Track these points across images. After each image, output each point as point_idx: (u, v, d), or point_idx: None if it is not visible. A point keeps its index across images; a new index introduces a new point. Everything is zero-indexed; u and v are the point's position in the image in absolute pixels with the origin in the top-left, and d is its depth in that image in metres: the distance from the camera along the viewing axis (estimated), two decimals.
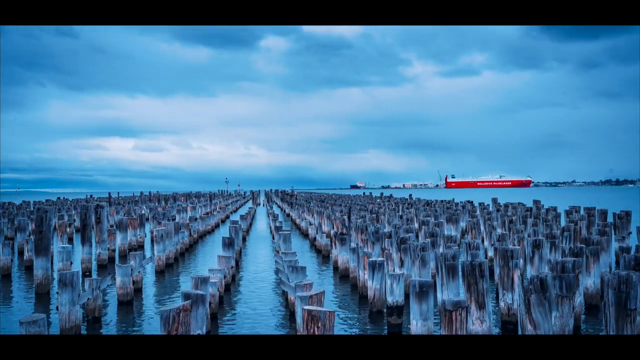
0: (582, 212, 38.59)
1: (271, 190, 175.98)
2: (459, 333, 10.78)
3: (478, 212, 45.14)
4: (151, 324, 16.99)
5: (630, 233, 28.69)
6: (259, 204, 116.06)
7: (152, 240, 35.33)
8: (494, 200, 55.91)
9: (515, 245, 21.48)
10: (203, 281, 14.59)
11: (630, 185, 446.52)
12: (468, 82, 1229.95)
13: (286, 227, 44.85)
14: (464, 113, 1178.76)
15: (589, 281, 17.86)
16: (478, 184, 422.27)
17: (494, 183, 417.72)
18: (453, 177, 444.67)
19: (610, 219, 34.07)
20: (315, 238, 36.56)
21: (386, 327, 16.11)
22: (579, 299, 15.78)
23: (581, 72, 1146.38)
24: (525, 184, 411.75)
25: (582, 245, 18.00)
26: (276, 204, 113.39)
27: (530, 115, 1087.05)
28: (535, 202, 49.12)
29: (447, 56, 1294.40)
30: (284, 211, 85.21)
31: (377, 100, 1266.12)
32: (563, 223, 34.21)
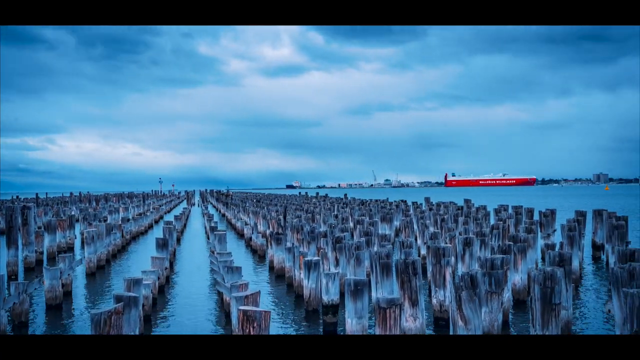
0: (510, 210, 39.89)
1: (206, 190, 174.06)
2: (393, 330, 10.97)
3: (411, 211, 45.98)
4: (82, 328, 16.54)
5: (555, 230, 29.84)
6: (194, 204, 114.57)
7: (82, 242, 34.36)
8: (427, 200, 57.08)
9: (447, 244, 22.00)
10: (135, 283, 14.30)
11: (555, 185, 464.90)
12: (302, 82, 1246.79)
13: (221, 227, 44.45)
14: (323, 114, 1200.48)
15: (517, 277, 18.49)
16: (480, 182, 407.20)
17: (497, 181, 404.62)
18: (453, 175, 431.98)
19: (536, 217, 35.33)
20: (251, 238, 36.41)
21: (322, 326, 16.22)
22: (507, 295, 16.32)
23: (399, 74, 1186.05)
24: (529, 182, 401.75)
25: (510, 243, 18.63)
26: (211, 204, 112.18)
27: (388, 116, 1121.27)
28: (466, 201, 50.43)
29: (248, 53, 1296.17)
30: (220, 211, 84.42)
31: (229, 100, 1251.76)
32: (492, 221, 35.27)
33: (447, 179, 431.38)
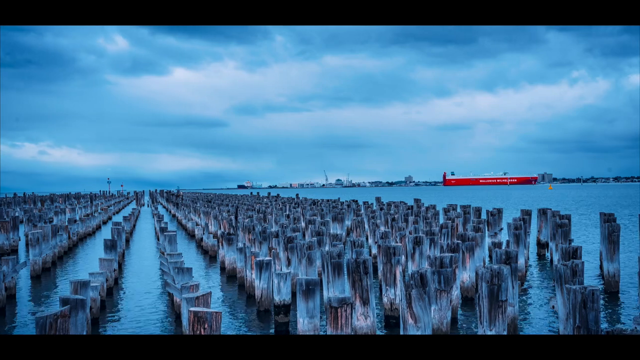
0: (458, 209, 40.60)
1: (156, 190, 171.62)
2: (345, 329, 11.04)
3: (363, 211, 46.31)
4: (26, 332, 16.08)
5: (501, 229, 30.54)
6: (143, 205, 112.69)
7: (27, 244, 33.41)
8: (378, 199, 57.59)
9: (397, 242, 22.25)
10: (83, 285, 14.01)
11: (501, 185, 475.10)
12: (171, 80, 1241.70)
13: (172, 228, 43.87)
14: (218, 113, 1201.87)
15: (465, 275, 18.85)
16: (480, 181, 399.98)
17: (498, 180, 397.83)
18: (453, 174, 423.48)
19: (484, 216, 36.06)
20: (201, 239, 36.06)
21: (273, 326, 16.20)
22: (456, 292, 16.62)
23: (262, 73, 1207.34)
24: (531, 181, 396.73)
25: (459, 242, 18.98)
26: (161, 204, 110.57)
27: (281, 117, 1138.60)
28: (416, 200, 51.09)
29: (86, 47, 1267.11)
30: (170, 212, 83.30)
31: (107, 98, 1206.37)
32: (441, 220, 35.83)
33: (446, 178, 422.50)
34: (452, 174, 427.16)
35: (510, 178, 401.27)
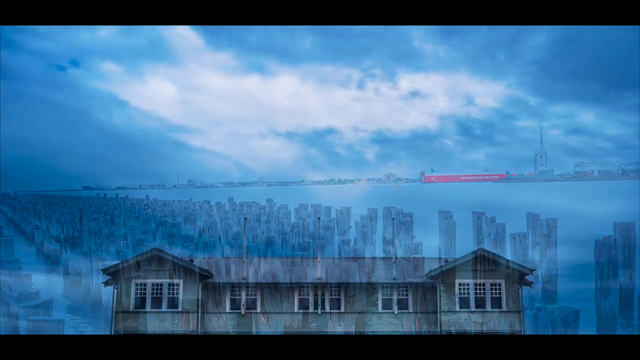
0: (309, 209, 41.60)
1: None
2: None
3: (215, 211, 45.95)
4: None
5: (350, 227, 31.72)
6: None
7: None
8: (230, 200, 57.39)
9: (249, 242, 22.35)
10: None
11: (350, 184, 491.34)
12: None
13: (8, 233, 40.72)
14: None
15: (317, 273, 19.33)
16: (461, 178, 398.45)
17: (479, 177, 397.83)
18: (432, 171, 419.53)
19: (333, 215, 37.23)
20: (42, 243, 33.92)
21: None
22: None
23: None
24: (515, 177, 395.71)
25: (310, 240, 19.46)
26: None
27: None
28: (269, 200, 51.60)
29: None
30: None
31: None
32: (293, 220, 36.48)
33: (425, 175, 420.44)
34: (432, 171, 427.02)
35: (490, 175, 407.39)
